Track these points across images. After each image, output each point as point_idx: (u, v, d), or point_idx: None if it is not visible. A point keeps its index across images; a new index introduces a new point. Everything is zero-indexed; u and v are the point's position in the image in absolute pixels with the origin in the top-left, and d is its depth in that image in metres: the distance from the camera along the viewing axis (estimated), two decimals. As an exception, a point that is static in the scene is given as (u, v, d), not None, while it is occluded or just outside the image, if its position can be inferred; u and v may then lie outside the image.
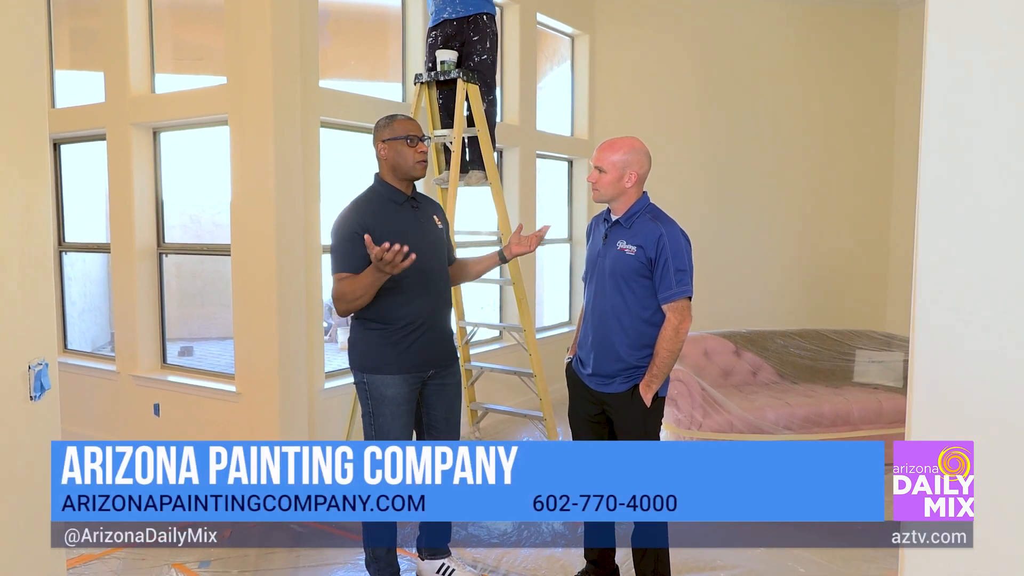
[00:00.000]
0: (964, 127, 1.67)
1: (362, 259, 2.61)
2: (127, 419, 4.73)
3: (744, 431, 4.26)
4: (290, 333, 3.99)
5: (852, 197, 6.56)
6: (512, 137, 5.74)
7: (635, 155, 2.67)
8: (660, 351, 2.62)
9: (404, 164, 2.75)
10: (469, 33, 4.51)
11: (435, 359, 2.84)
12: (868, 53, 6.49)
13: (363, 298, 2.60)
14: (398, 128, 2.74)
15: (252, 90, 3.88)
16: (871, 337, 5.16)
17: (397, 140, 2.73)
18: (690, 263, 2.63)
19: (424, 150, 2.77)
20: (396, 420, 2.76)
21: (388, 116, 2.81)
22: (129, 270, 4.63)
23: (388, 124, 2.76)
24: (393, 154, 2.74)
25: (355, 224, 2.68)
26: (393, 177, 2.79)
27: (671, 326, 2.61)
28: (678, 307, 2.61)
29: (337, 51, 5.05)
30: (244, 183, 3.98)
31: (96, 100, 4.71)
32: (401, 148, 2.73)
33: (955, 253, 1.72)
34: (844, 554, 3.35)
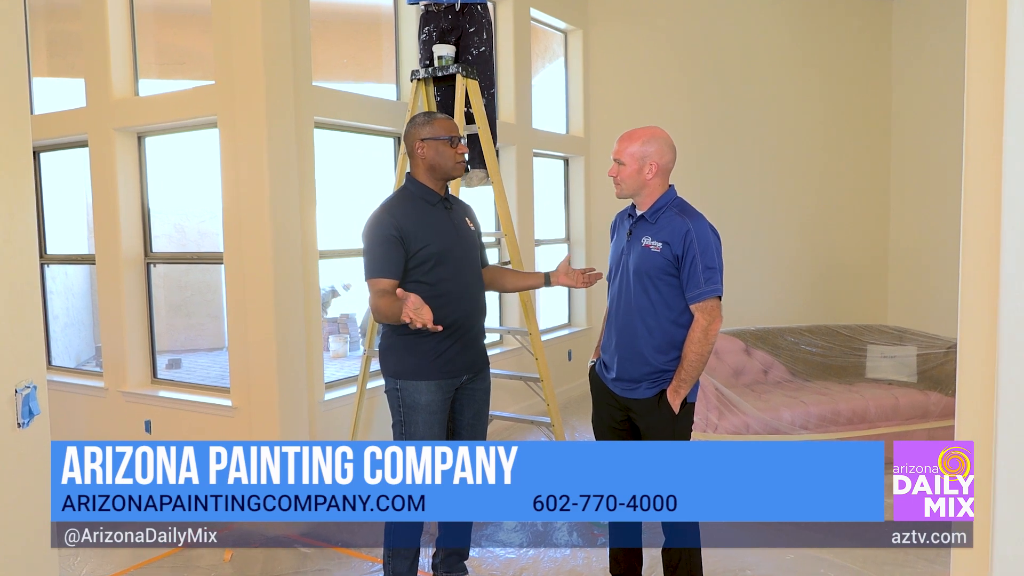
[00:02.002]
0: None
1: (398, 263, 2.55)
2: (116, 437, 4.53)
3: (760, 432, 4.13)
4: (288, 343, 3.81)
5: (851, 191, 6.46)
6: (508, 135, 5.59)
7: (655, 145, 2.52)
8: (688, 354, 2.48)
9: (445, 164, 2.66)
10: (465, 25, 4.35)
11: (470, 364, 2.74)
12: (863, 47, 6.40)
13: (389, 320, 2.51)
14: (439, 128, 2.65)
15: (243, 90, 3.70)
16: (882, 331, 5.05)
17: (439, 140, 2.63)
18: (720, 260, 2.49)
19: (465, 151, 2.70)
20: (429, 429, 2.63)
21: (426, 113, 2.71)
22: (115, 281, 4.43)
23: (428, 122, 2.66)
24: (433, 153, 2.65)
25: (389, 226, 2.57)
26: (429, 177, 2.68)
27: (700, 327, 2.47)
28: (707, 307, 2.47)
29: (327, 52, 4.88)
30: (236, 187, 3.79)
31: (77, 105, 4.51)
32: (442, 148, 2.65)
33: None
34: (873, 556, 3.23)
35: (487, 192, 4.92)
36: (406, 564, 2.72)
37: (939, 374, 4.65)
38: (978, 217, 2.09)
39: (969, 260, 2.12)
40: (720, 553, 3.28)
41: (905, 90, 6.35)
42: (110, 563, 3.40)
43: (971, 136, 2.09)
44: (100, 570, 3.36)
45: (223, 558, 3.42)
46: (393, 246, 2.54)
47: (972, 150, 2.09)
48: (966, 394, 2.13)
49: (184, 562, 3.40)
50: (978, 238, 2.10)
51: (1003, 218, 1.88)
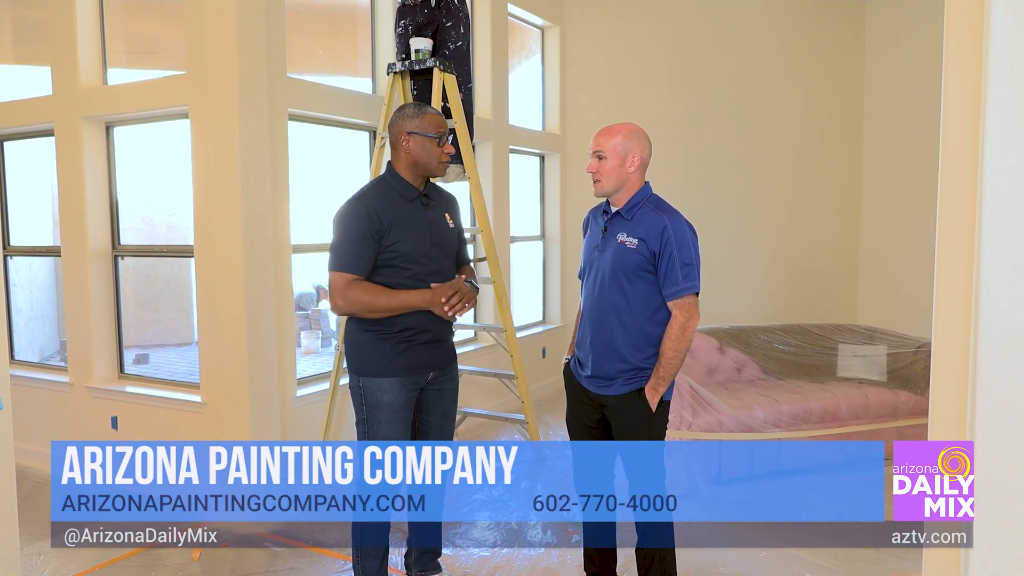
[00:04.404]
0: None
1: (367, 259, 2.49)
2: (82, 433, 4.43)
3: (734, 430, 4.15)
4: (260, 338, 3.74)
5: (823, 192, 6.52)
6: (484, 132, 5.56)
7: (636, 139, 2.51)
8: (667, 351, 2.47)
9: (428, 162, 2.58)
10: (442, 19, 4.31)
11: (436, 361, 2.67)
12: (837, 48, 6.46)
13: (385, 313, 2.49)
14: (428, 123, 2.57)
15: (215, 80, 3.62)
16: (853, 331, 5.10)
17: (426, 137, 2.55)
18: (697, 257, 2.48)
19: (451, 151, 2.62)
20: (392, 428, 2.57)
21: (416, 105, 2.62)
22: (82, 274, 4.33)
23: (418, 116, 2.57)
24: (418, 149, 2.57)
25: (362, 217, 2.49)
26: (411, 172, 2.61)
27: (678, 324, 2.46)
28: (685, 303, 2.46)
29: (302, 45, 4.81)
30: (208, 179, 3.72)
31: (43, 94, 4.40)
32: (428, 145, 2.57)
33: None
34: (848, 555, 3.25)
35: (463, 187, 4.89)
36: (375, 564, 2.68)
37: (908, 373, 4.70)
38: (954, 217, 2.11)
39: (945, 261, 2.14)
40: (693, 552, 3.29)
41: (877, 93, 6.42)
42: (74, 562, 3.32)
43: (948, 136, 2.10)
44: (63, 569, 3.28)
45: (191, 557, 3.35)
46: (364, 241, 2.47)
47: (948, 149, 2.10)
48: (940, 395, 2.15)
49: (151, 561, 3.32)
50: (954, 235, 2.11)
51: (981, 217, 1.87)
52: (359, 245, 2.48)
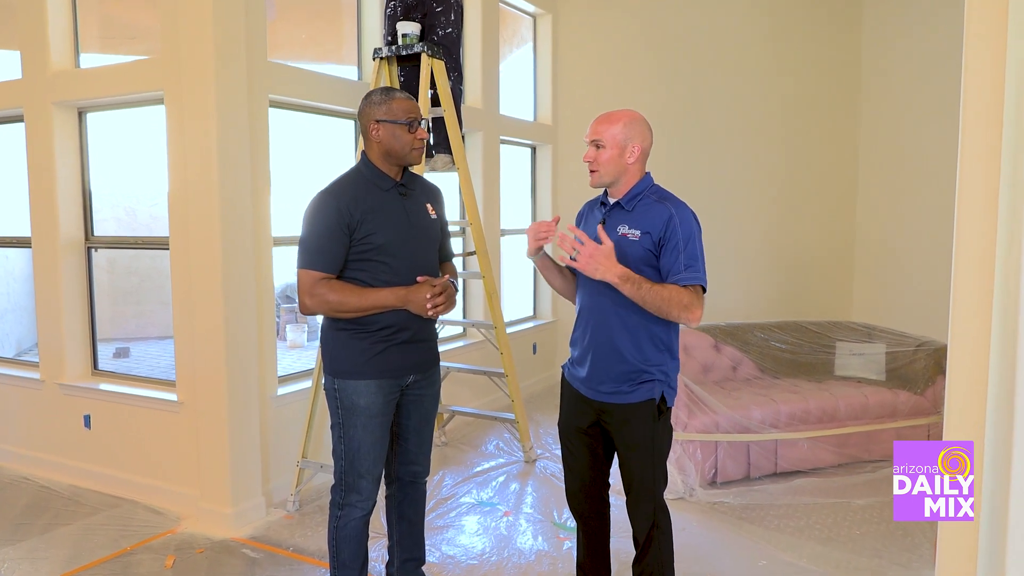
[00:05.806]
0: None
1: (338, 256, 2.33)
2: (53, 433, 4.26)
3: (730, 431, 4.02)
4: (238, 334, 3.57)
5: (819, 182, 6.38)
6: (475, 121, 5.39)
7: (637, 127, 2.35)
8: (664, 289, 2.20)
9: (400, 150, 2.41)
10: (432, 4, 4.14)
11: (416, 364, 2.50)
12: (833, 37, 6.31)
13: (355, 313, 2.34)
14: (397, 109, 2.39)
15: (191, 64, 3.44)
16: (851, 328, 4.97)
17: (396, 124, 2.38)
18: (702, 253, 2.32)
19: (424, 136, 2.44)
20: (368, 433, 2.41)
21: (384, 91, 2.44)
22: (53, 266, 4.15)
23: (385, 102, 2.40)
24: (389, 137, 2.39)
25: (331, 211, 2.33)
26: (384, 161, 2.44)
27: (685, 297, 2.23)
28: (690, 292, 2.26)
29: (285, 31, 4.63)
30: (184, 168, 3.54)
31: (12, 77, 4.21)
32: (399, 132, 2.39)
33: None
34: (847, 562, 3.13)
35: (452, 178, 4.73)
36: (354, 573, 2.54)
37: (908, 372, 4.59)
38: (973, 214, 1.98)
39: (962, 261, 2.01)
40: (691, 560, 3.15)
41: (874, 84, 6.29)
42: (41, 571, 3.15)
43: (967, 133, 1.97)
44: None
45: (164, 564, 3.19)
46: (334, 236, 2.31)
47: (968, 148, 1.97)
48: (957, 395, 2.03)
49: (122, 568, 3.16)
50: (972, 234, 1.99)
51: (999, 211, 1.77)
52: (327, 241, 2.32)
